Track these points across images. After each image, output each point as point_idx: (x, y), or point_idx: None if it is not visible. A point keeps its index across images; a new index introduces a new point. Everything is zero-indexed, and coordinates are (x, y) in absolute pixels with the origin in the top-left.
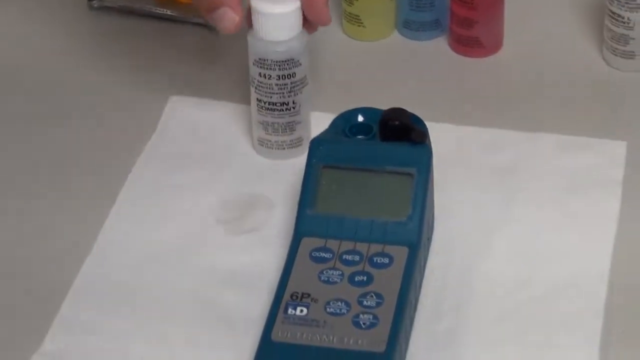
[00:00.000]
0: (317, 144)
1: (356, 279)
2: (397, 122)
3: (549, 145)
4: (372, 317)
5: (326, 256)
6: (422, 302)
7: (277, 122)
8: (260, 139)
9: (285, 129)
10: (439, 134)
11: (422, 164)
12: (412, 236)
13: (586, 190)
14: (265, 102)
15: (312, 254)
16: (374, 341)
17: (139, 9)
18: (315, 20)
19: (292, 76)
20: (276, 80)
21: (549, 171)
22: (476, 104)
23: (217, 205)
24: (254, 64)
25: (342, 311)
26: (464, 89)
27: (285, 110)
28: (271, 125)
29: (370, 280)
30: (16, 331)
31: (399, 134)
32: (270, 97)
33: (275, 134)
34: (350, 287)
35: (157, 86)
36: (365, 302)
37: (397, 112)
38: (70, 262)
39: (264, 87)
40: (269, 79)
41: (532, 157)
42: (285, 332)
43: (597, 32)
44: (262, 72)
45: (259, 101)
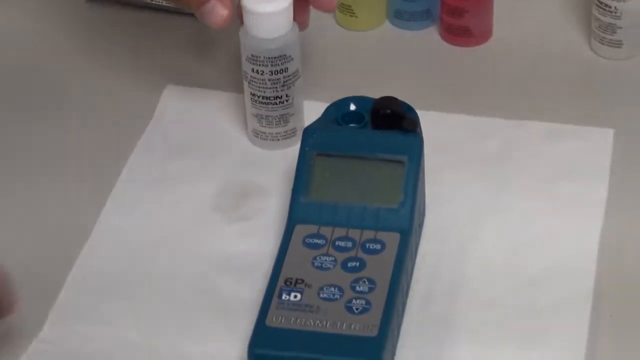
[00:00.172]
0: (310, 133)
1: (349, 265)
2: (389, 111)
3: (537, 133)
4: (364, 302)
5: (319, 242)
6: (413, 287)
7: (270, 115)
8: (254, 131)
9: (279, 121)
10: (430, 122)
11: (414, 152)
12: (404, 222)
13: (574, 177)
14: (258, 96)
15: (306, 240)
16: (366, 326)
17: (135, 1)
18: (320, 7)
19: (285, 71)
20: (269, 75)
21: (538, 158)
22: (466, 93)
23: (212, 193)
24: (247, 60)
25: (335, 296)
26: (454, 77)
27: (278, 103)
28: (265, 117)
29: (362, 266)
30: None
31: (390, 122)
32: (263, 91)
33: (269, 126)
34: (343, 272)
35: (153, 76)
36: (357, 287)
37: (389, 101)
38: (68, 250)
39: (257, 82)
40: (261, 74)
41: (521, 145)
42: (279, 317)
43: (585, 22)
44: (254, 68)
45: (252, 95)
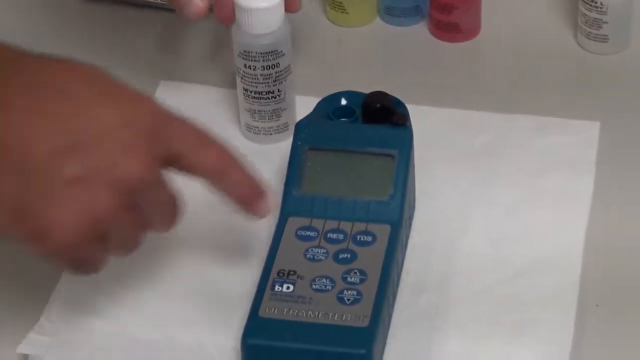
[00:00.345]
0: (302, 127)
1: (340, 257)
2: (379, 105)
3: (525, 126)
4: (355, 293)
5: (311, 235)
6: (403, 278)
7: (263, 110)
8: (247, 125)
9: (271, 115)
10: (420, 117)
11: (404, 146)
12: (394, 215)
13: (561, 169)
14: (251, 91)
15: (298, 232)
16: (357, 316)
17: None
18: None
19: (277, 66)
20: (261, 70)
21: (526, 151)
22: (455, 87)
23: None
24: (239, 56)
25: (327, 287)
26: (443, 72)
27: (270, 98)
28: (257, 112)
29: (354, 257)
30: (13, 309)
31: (381, 117)
32: (255, 86)
33: (261, 121)
34: (334, 264)
35: (147, 72)
36: (349, 278)
37: (379, 96)
38: None
39: (249, 77)
40: (254, 69)
41: (509, 138)
42: (272, 308)
43: (572, 17)
44: (247, 64)
45: (245, 90)
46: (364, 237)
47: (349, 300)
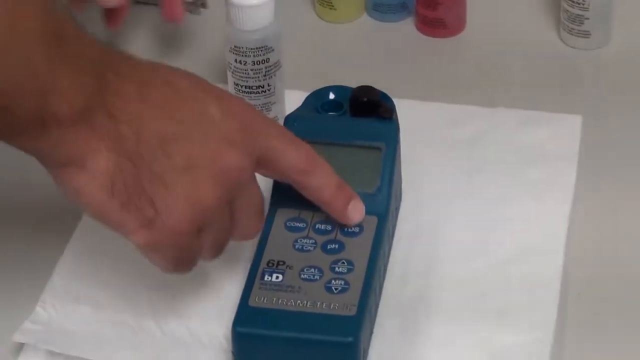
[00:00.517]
0: (291, 120)
1: (328, 247)
2: (366, 99)
3: (509, 119)
4: (343, 283)
5: (300, 226)
6: (390, 268)
7: (253, 104)
8: None
9: (261, 109)
10: (406, 110)
11: (390, 139)
12: (381, 207)
13: (544, 161)
14: (242, 85)
15: (287, 224)
16: (345, 305)
17: None
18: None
19: (267, 61)
20: (251, 65)
21: (509, 144)
22: (440, 82)
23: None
24: (230, 51)
25: (315, 277)
26: (429, 67)
27: (261, 92)
28: None
29: (341, 248)
30: (9, 299)
31: (368, 110)
32: (246, 81)
33: None
34: (322, 254)
35: None
36: (337, 268)
37: (366, 90)
38: (60, 233)
39: (240, 72)
40: (244, 64)
41: (493, 131)
42: (262, 298)
43: (554, 13)
44: (237, 59)
45: (236, 85)
46: (351, 228)
47: (336, 289)
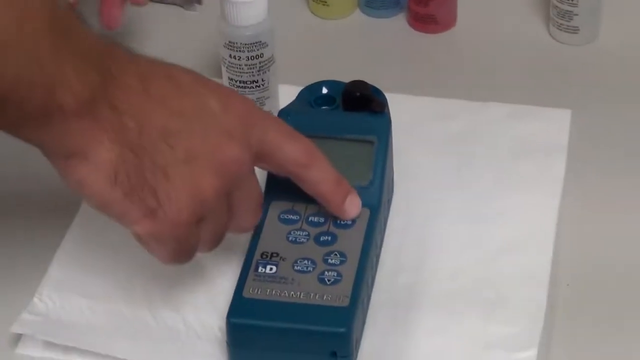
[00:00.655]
0: (285, 114)
1: (321, 239)
2: (359, 94)
3: (499, 113)
4: (336, 274)
5: (293, 218)
6: (382, 259)
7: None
8: None
9: (255, 104)
10: (398, 104)
11: (382, 132)
12: (373, 199)
13: (534, 154)
14: (236, 80)
15: (281, 216)
16: (338, 296)
17: None
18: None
19: (260, 56)
20: (245, 61)
21: (499, 137)
22: (432, 76)
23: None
24: (225, 47)
25: (309, 269)
26: (420, 62)
27: (255, 87)
28: None
29: (334, 240)
30: (7, 290)
31: (360, 105)
32: (240, 76)
33: None
34: (315, 246)
35: None
36: (329, 260)
37: (359, 84)
38: (57, 225)
39: (234, 67)
40: (238, 60)
41: (484, 125)
42: (256, 289)
43: (544, 9)
44: (232, 54)
45: (230, 80)
46: (344, 221)
47: (329, 281)
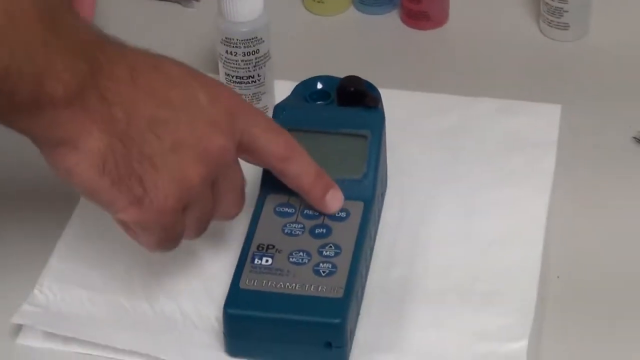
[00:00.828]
0: (280, 109)
1: (316, 232)
2: (353, 89)
3: (490, 108)
4: (331, 266)
5: (289, 211)
6: (376, 252)
7: (244, 94)
8: None
9: (251, 99)
10: (391, 100)
11: (376, 127)
12: (367, 192)
13: (524, 149)
14: (232, 76)
15: (277, 209)
16: (332, 288)
17: None
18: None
19: (256, 52)
20: (242, 56)
21: (491, 132)
22: (424, 72)
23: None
24: (221, 43)
25: (304, 261)
26: (413, 58)
27: (251, 82)
28: None
29: (329, 232)
30: (8, 282)
31: (354, 100)
32: (237, 71)
33: None
34: (311, 239)
35: None
36: (324, 252)
37: (353, 80)
38: (57, 218)
39: (231, 63)
40: (235, 55)
41: (475, 120)
42: (252, 280)
43: (535, 5)
44: (228, 50)
45: (227, 75)
46: (338, 213)
47: (324, 272)
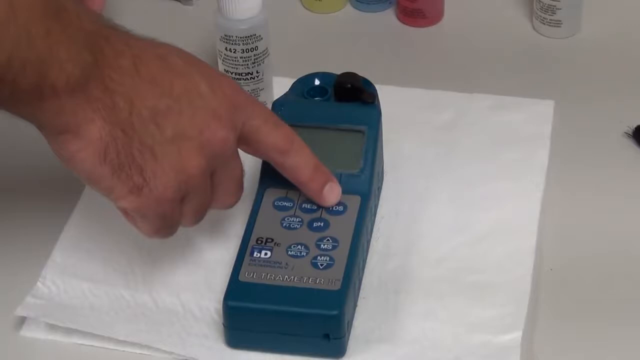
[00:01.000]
0: (279, 105)
1: (314, 225)
2: (350, 85)
3: (484, 104)
4: (328, 259)
5: (287, 205)
6: (373, 244)
7: None
8: None
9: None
10: (387, 96)
11: (372, 122)
12: (364, 186)
13: (518, 143)
14: (232, 72)
15: (275, 203)
16: (330, 280)
17: None
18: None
19: (255, 49)
20: (241, 53)
21: (485, 127)
22: (420, 69)
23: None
24: (221, 40)
25: (302, 254)
26: (409, 55)
27: (250, 79)
28: None
29: (326, 226)
30: (12, 275)
31: (351, 96)
32: (236, 68)
33: None
34: (309, 232)
35: None
36: (322, 245)
37: (350, 76)
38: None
39: (230, 59)
40: (234, 52)
41: (470, 115)
42: (251, 273)
43: (528, 4)
44: (228, 47)
45: (226, 72)
46: (336, 207)
47: (322, 265)
